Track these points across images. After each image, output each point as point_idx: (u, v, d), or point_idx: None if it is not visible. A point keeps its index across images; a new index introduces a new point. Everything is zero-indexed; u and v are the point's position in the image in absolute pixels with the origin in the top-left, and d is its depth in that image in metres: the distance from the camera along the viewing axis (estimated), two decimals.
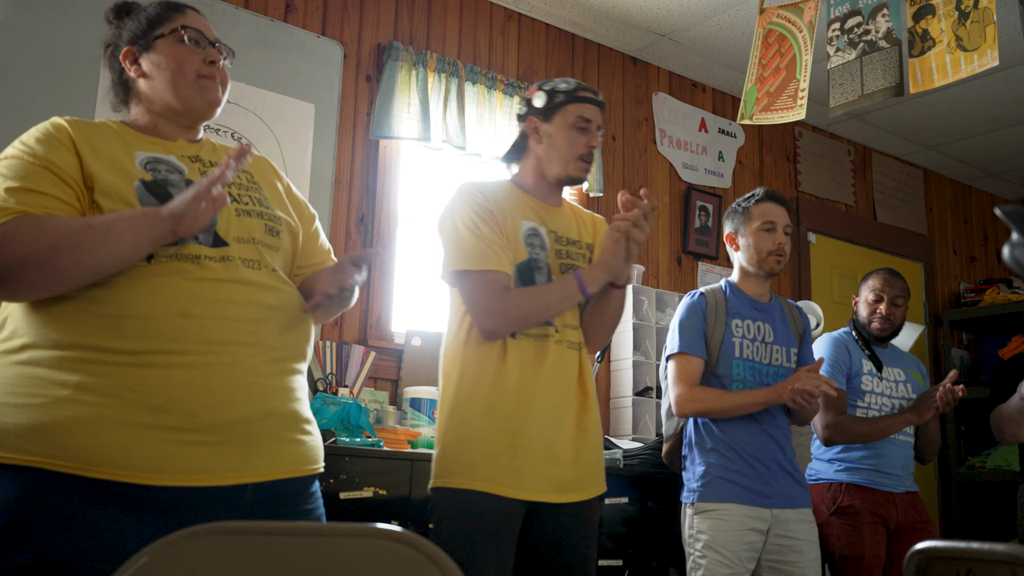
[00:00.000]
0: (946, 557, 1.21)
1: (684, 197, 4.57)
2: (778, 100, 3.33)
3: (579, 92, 2.18)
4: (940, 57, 2.93)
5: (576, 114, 2.16)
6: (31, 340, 1.42)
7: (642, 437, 3.79)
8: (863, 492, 3.02)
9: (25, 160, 1.46)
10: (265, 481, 1.49)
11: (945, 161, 5.75)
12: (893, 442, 3.10)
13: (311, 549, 0.97)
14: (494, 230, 2.06)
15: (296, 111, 3.35)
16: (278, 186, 1.79)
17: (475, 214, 2.06)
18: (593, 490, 2.13)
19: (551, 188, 2.22)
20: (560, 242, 2.18)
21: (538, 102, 2.18)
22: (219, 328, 1.47)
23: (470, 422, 2.03)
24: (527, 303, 2.04)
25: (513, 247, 2.09)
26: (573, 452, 2.09)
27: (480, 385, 2.04)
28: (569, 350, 2.13)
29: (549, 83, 2.21)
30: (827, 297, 5.10)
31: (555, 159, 2.16)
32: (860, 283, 3.31)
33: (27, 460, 1.34)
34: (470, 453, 2.00)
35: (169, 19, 1.66)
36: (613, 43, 4.39)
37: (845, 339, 3.22)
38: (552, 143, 2.16)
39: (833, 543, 2.99)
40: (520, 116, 2.24)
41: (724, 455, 2.60)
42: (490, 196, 2.11)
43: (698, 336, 2.67)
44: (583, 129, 2.16)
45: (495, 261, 2.04)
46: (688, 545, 2.60)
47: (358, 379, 3.24)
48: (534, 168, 2.21)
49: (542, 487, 2.03)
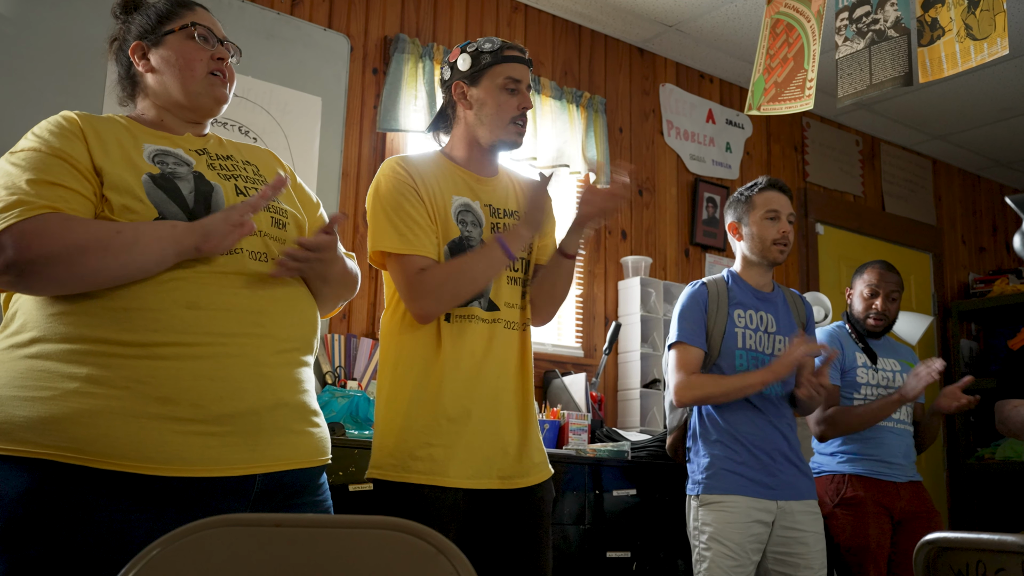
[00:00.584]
0: (956, 548, 1.21)
1: (692, 189, 4.55)
2: (786, 90, 3.32)
3: (505, 51, 2.04)
4: (949, 46, 2.91)
5: (504, 75, 2.03)
6: (40, 333, 1.43)
7: (650, 429, 3.79)
8: (866, 482, 3.03)
9: (42, 152, 1.46)
10: (273, 472, 1.49)
11: (954, 151, 5.72)
12: (893, 431, 3.11)
13: (320, 541, 0.97)
14: (417, 209, 1.95)
15: (303, 104, 3.35)
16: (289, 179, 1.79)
17: (398, 192, 1.95)
18: (541, 474, 2.06)
19: (484, 156, 2.09)
20: (496, 215, 2.08)
21: (463, 65, 2.05)
22: (226, 319, 1.47)
23: (405, 411, 1.95)
24: (451, 277, 1.92)
25: (443, 224, 1.98)
26: (520, 437, 2.02)
27: (414, 371, 1.96)
28: (508, 330, 2.04)
29: (473, 44, 2.07)
30: (835, 288, 5.08)
31: (486, 125, 2.04)
32: (854, 276, 3.31)
33: (37, 452, 1.34)
34: (406, 444, 1.92)
35: (179, 15, 1.66)
36: (620, 34, 4.37)
37: (838, 333, 3.23)
38: (482, 108, 2.04)
39: (838, 534, 2.99)
40: (444, 82, 2.11)
41: (729, 447, 2.60)
42: (416, 171, 2.00)
43: (698, 326, 2.66)
44: (513, 90, 2.03)
45: (416, 244, 1.93)
46: (693, 537, 2.60)
47: (366, 372, 3.25)
48: (465, 136, 2.09)
49: (483, 474, 1.95)
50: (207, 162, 1.63)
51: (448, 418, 1.94)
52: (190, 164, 1.59)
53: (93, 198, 1.47)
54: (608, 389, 4.00)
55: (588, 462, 3.06)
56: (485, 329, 2.00)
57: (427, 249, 1.96)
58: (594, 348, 3.98)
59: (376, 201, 1.99)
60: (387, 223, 1.95)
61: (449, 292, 1.93)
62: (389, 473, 1.93)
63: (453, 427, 1.94)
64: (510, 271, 2.08)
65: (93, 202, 1.46)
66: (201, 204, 1.54)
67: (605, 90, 4.31)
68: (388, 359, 2.02)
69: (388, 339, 2.03)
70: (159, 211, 1.49)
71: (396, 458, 1.93)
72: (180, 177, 1.55)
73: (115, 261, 1.40)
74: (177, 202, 1.51)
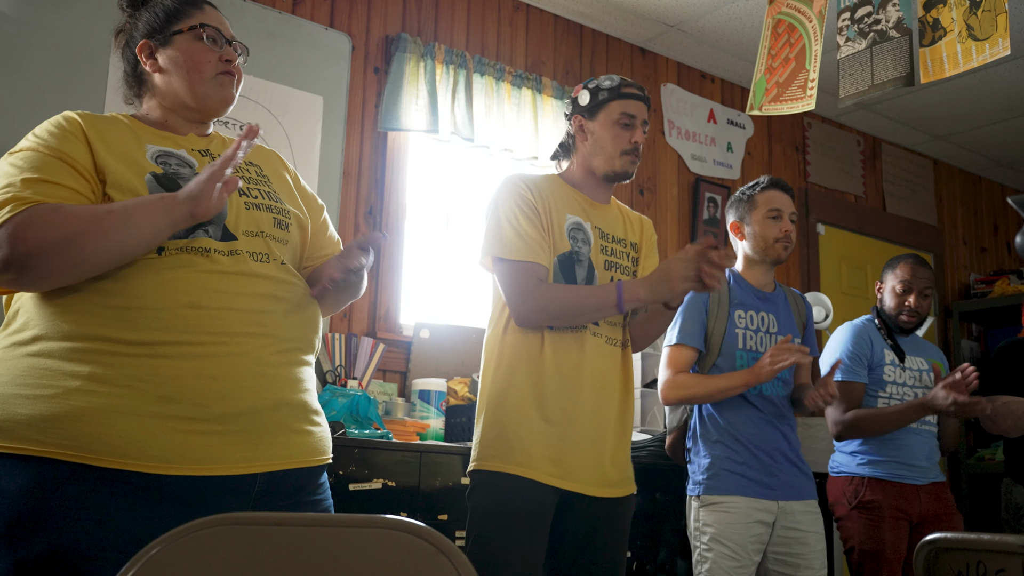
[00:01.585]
0: (956, 548, 1.21)
1: (693, 188, 4.55)
2: (787, 91, 3.32)
3: (623, 88, 2.20)
4: (951, 46, 2.91)
5: (620, 111, 2.19)
6: (42, 331, 1.43)
7: (650, 429, 3.78)
8: (885, 486, 2.97)
9: (40, 152, 1.46)
10: (274, 471, 1.50)
11: (955, 151, 5.72)
12: (917, 432, 3.04)
13: (321, 540, 0.97)
14: (533, 223, 2.10)
15: (304, 103, 3.35)
16: (287, 179, 1.79)
17: (517, 206, 2.10)
18: (629, 487, 2.18)
19: (598, 185, 2.25)
20: (605, 239, 2.22)
21: (583, 100, 2.23)
22: (228, 319, 1.47)
23: (508, 408, 2.06)
24: (561, 298, 2.06)
25: (556, 239, 2.13)
26: (615, 447, 2.13)
27: (518, 373, 2.08)
28: (609, 346, 2.15)
29: (594, 81, 2.24)
30: (836, 289, 5.08)
31: (600, 155, 2.20)
32: (885, 270, 3.22)
33: (39, 451, 1.35)
34: (507, 438, 2.04)
35: (188, 15, 1.66)
36: (621, 34, 4.37)
37: (867, 328, 3.15)
38: (597, 140, 2.20)
39: (852, 537, 2.95)
40: (567, 115, 2.28)
41: (729, 447, 2.60)
42: (535, 188, 2.15)
43: (696, 327, 2.66)
44: (627, 125, 2.19)
45: (530, 252, 2.07)
46: (694, 538, 2.60)
47: (367, 371, 3.25)
48: (581, 165, 2.25)
49: (581, 479, 2.06)
50: (209, 163, 1.63)
51: (547, 420, 2.05)
52: (192, 166, 1.59)
53: (92, 196, 1.46)
54: None
55: None
56: (588, 341, 2.12)
57: (539, 257, 2.08)
58: None
59: (495, 211, 2.13)
60: (503, 231, 2.09)
61: (555, 309, 2.06)
62: (489, 464, 2.04)
63: (552, 429, 2.05)
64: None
65: (92, 201, 1.46)
66: None
67: None
68: (491, 361, 2.14)
69: (493, 342, 2.15)
70: None
71: (496, 450, 2.04)
72: (183, 178, 1.55)
73: (111, 241, 1.39)
74: None
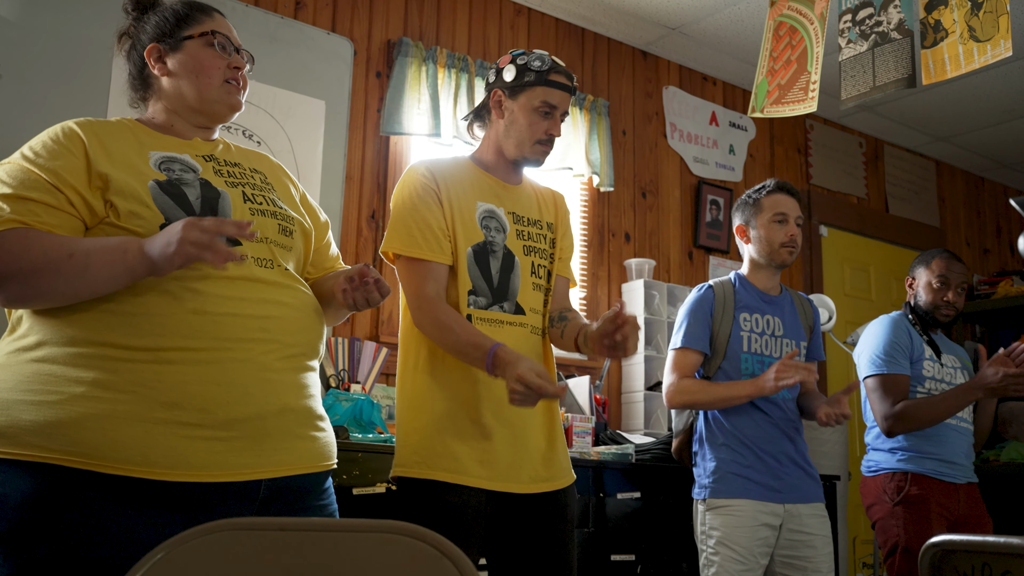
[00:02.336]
0: (961, 550, 1.20)
1: (695, 191, 4.55)
2: (789, 93, 3.32)
3: (550, 75, 2.06)
4: (953, 48, 2.91)
5: (542, 98, 2.05)
6: (46, 337, 1.43)
7: (653, 432, 3.78)
8: (929, 482, 2.89)
9: (23, 166, 1.46)
10: (279, 477, 1.50)
11: (957, 152, 5.71)
12: (956, 429, 2.97)
13: (325, 545, 0.97)
14: (434, 214, 1.98)
15: (307, 108, 3.35)
16: (292, 190, 1.80)
17: (419, 196, 1.99)
18: (567, 479, 2.07)
19: (509, 166, 2.13)
20: (520, 222, 2.11)
21: (507, 76, 2.08)
22: (232, 325, 1.48)
23: (430, 409, 1.95)
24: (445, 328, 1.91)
25: (467, 228, 2.01)
26: (547, 441, 2.04)
27: (440, 369, 1.97)
28: (533, 335, 2.06)
29: (524, 56, 2.09)
30: (839, 291, 5.08)
31: (512, 139, 2.08)
32: (916, 266, 3.18)
33: (44, 457, 1.35)
34: (430, 442, 1.92)
35: (198, 21, 1.67)
36: (623, 37, 4.38)
37: (904, 323, 3.08)
38: (512, 121, 2.07)
39: (897, 534, 2.86)
40: (488, 84, 2.14)
41: (735, 450, 2.59)
42: (441, 176, 2.03)
43: (702, 330, 2.66)
44: (547, 114, 2.07)
45: (429, 250, 1.96)
46: (700, 542, 2.59)
47: (370, 375, 3.25)
48: (493, 143, 2.12)
49: (509, 478, 1.95)
50: (214, 168, 1.63)
51: (473, 420, 1.94)
52: (196, 170, 1.59)
53: (74, 212, 1.46)
54: (612, 392, 4.00)
55: (592, 465, 3.06)
56: (511, 332, 2.00)
57: (438, 255, 1.97)
58: None
59: (396, 203, 2.03)
60: (402, 225, 1.98)
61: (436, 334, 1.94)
62: (413, 470, 1.92)
63: (478, 429, 1.94)
64: (535, 277, 2.09)
65: (73, 214, 1.46)
66: (208, 210, 1.54)
67: (608, 93, 4.31)
68: (409, 359, 2.02)
69: (409, 339, 2.03)
70: (166, 216, 1.49)
71: (420, 455, 1.92)
72: (187, 184, 1.55)
73: (67, 285, 1.41)
74: (184, 208, 1.52)
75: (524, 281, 2.06)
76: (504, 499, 1.96)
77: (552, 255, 2.16)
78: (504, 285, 2.03)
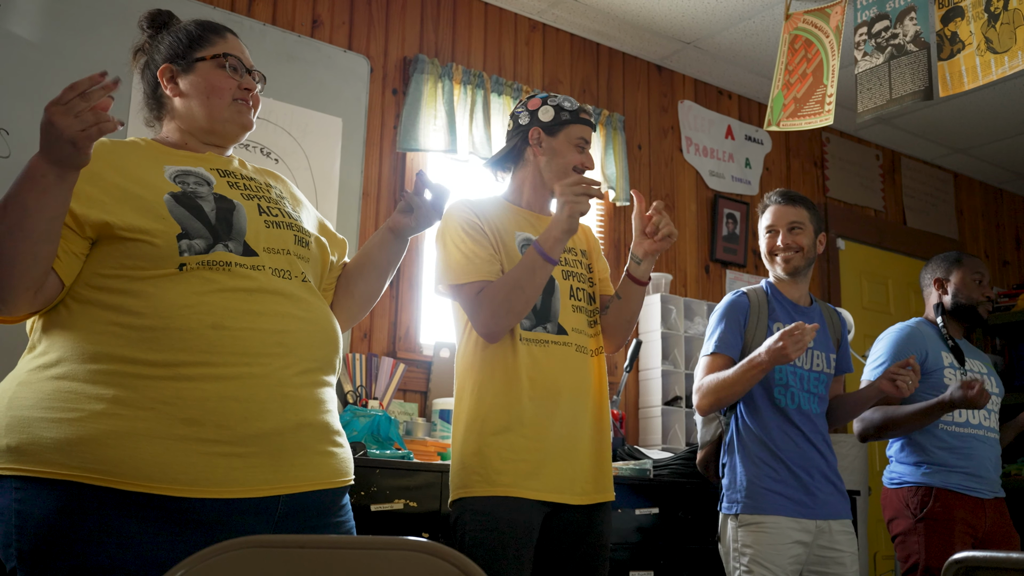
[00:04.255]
0: (984, 567, 1.19)
1: (711, 205, 4.55)
2: (805, 106, 3.31)
3: (581, 114, 2.29)
4: (970, 60, 2.90)
5: (579, 135, 2.27)
6: (65, 354, 1.44)
7: (671, 447, 3.76)
8: (954, 498, 2.81)
9: None
10: (297, 493, 1.50)
11: (975, 164, 5.68)
12: (984, 440, 2.91)
13: (344, 562, 0.97)
14: (480, 242, 2.14)
15: (324, 125, 3.37)
16: (309, 207, 1.83)
17: (463, 229, 2.14)
18: (607, 494, 2.20)
19: (546, 196, 2.30)
20: None
21: (544, 116, 2.27)
22: (251, 340, 1.48)
23: (487, 429, 2.07)
24: (500, 289, 2.06)
25: (509, 255, 2.16)
26: (594, 455, 2.16)
27: (491, 392, 2.09)
28: (579, 354, 2.18)
29: (554, 99, 2.30)
30: (857, 303, 5.05)
31: (554, 172, 2.25)
32: (946, 266, 3.12)
33: (64, 474, 1.36)
34: (488, 460, 2.05)
35: (211, 42, 1.69)
36: (638, 52, 4.39)
37: (923, 330, 3.02)
38: (555, 157, 2.26)
39: (918, 552, 2.79)
40: (522, 125, 2.30)
41: (768, 464, 2.55)
42: (481, 212, 2.20)
43: (734, 337, 2.64)
44: (581, 148, 2.27)
45: (478, 272, 2.10)
46: (732, 559, 2.54)
47: (387, 391, 3.25)
48: (532, 177, 2.29)
49: (563, 488, 2.08)
50: (229, 181, 1.64)
51: (528, 435, 2.06)
52: (211, 183, 1.61)
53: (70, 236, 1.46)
54: (629, 407, 3.99)
55: None
56: (557, 351, 2.14)
57: (489, 275, 2.10)
58: (615, 366, 3.97)
59: (442, 240, 2.17)
60: (452, 257, 2.13)
61: (500, 303, 2.05)
62: (475, 489, 2.04)
63: (530, 444, 2.06)
64: (574, 300, 2.22)
65: (70, 250, 1.46)
66: (223, 221, 1.56)
67: (624, 107, 4.31)
68: (465, 385, 2.15)
69: (464, 365, 2.17)
70: (182, 227, 1.50)
71: (480, 474, 2.04)
72: (201, 196, 1.57)
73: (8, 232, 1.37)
74: (200, 219, 1.53)
75: (564, 304, 2.19)
76: (557, 509, 2.09)
77: (591, 279, 2.31)
78: (546, 307, 2.15)
